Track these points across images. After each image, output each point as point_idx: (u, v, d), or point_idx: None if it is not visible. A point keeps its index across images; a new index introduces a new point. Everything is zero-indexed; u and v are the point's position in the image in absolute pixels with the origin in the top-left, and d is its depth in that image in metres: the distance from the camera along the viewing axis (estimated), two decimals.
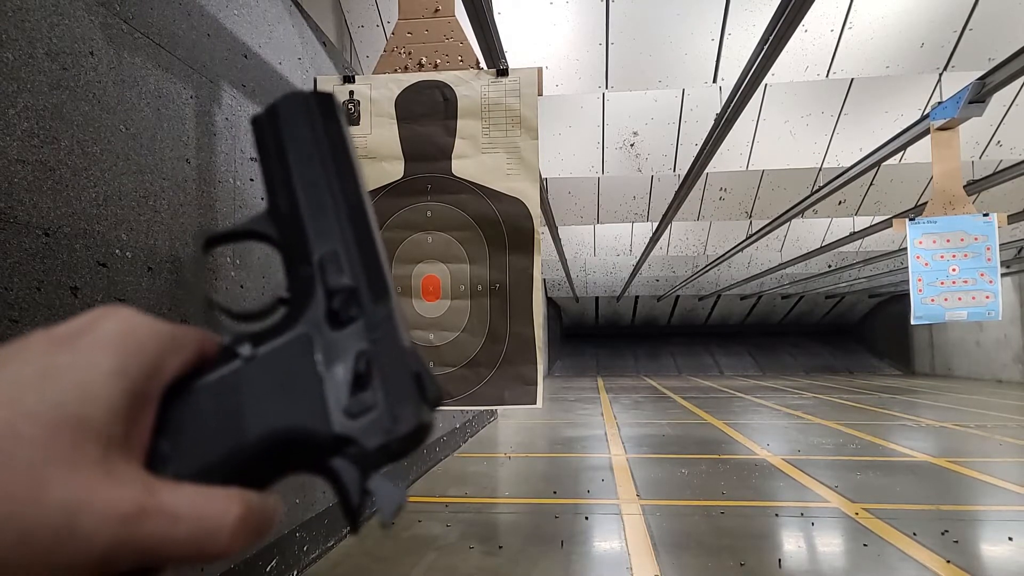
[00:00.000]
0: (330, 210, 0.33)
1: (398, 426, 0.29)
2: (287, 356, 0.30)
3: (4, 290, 1.59)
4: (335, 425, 0.29)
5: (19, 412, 0.23)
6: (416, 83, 2.50)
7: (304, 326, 0.31)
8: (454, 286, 2.47)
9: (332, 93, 0.35)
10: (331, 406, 0.29)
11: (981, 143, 6.20)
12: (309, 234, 0.32)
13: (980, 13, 4.30)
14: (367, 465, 0.29)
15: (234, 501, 0.26)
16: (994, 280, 5.15)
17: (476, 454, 6.30)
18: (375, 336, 0.31)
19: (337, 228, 0.33)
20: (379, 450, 0.29)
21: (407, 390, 0.30)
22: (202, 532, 0.25)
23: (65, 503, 0.23)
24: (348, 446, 0.29)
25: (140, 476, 0.26)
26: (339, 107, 0.35)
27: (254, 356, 0.30)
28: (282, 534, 2.90)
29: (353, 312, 0.31)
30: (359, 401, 0.29)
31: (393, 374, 0.30)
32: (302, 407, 0.29)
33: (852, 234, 9.90)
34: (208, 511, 0.26)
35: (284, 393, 0.29)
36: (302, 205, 0.33)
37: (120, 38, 1.99)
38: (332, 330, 0.31)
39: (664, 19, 4.31)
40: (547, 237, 8.92)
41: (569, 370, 22.38)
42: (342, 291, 0.31)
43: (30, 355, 0.25)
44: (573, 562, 3.22)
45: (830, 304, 24.42)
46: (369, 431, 0.29)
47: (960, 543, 3.41)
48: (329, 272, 0.32)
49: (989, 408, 10.28)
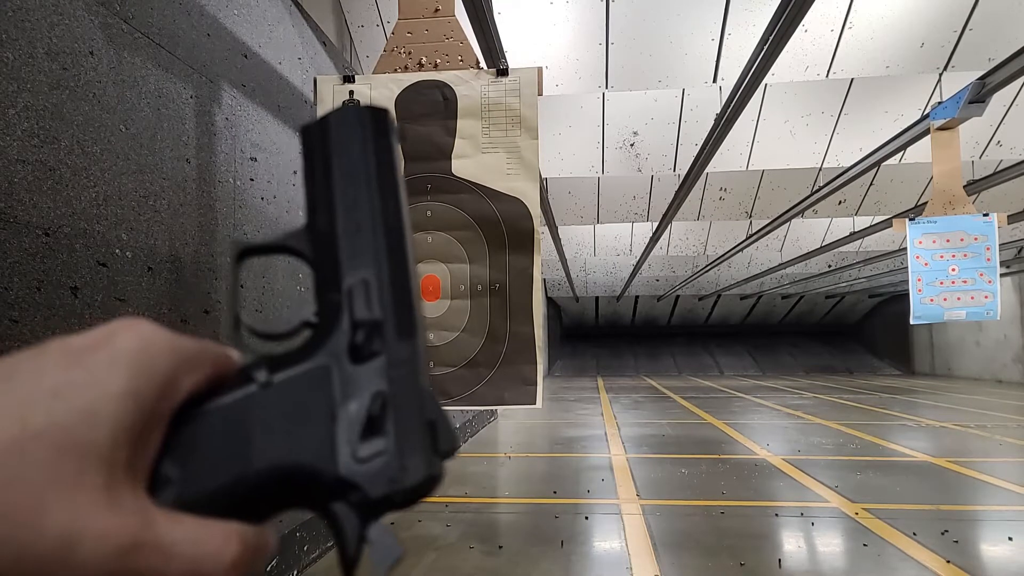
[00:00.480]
0: (368, 235, 0.32)
1: (405, 477, 0.28)
2: (303, 386, 0.29)
3: (4, 290, 1.58)
4: (341, 468, 0.28)
5: (27, 431, 0.23)
6: (416, 83, 2.50)
7: (324, 356, 0.30)
8: (454, 286, 2.47)
9: (388, 110, 0.33)
10: (340, 447, 0.28)
11: (981, 143, 6.20)
12: (342, 258, 0.31)
13: (980, 13, 4.30)
14: (368, 513, 0.28)
15: (231, 541, 0.26)
16: (993, 280, 5.15)
17: (476, 454, 6.30)
18: (394, 375, 0.30)
19: (372, 255, 0.31)
20: (383, 500, 0.28)
21: (419, 440, 0.29)
22: (198, 571, 0.25)
23: (64, 529, 0.23)
24: (351, 491, 0.28)
25: (141, 505, 0.25)
26: (393, 126, 0.34)
27: (269, 383, 0.29)
28: (282, 534, 2.90)
29: (376, 347, 0.30)
30: (369, 445, 0.28)
31: (407, 420, 0.29)
32: (311, 444, 0.28)
33: (852, 234, 9.90)
34: (203, 550, 0.25)
35: (294, 426, 0.28)
36: (340, 226, 0.32)
37: (120, 38, 1.99)
38: (352, 364, 0.30)
39: (664, 19, 4.32)
40: (547, 237, 8.92)
41: (569, 370, 22.38)
42: (368, 324, 0.30)
43: (44, 367, 0.25)
44: (573, 562, 3.22)
45: (830, 304, 24.42)
46: (375, 479, 0.28)
47: (960, 543, 3.41)
48: (357, 302, 0.31)
49: (989, 408, 10.28)
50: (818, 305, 24.50)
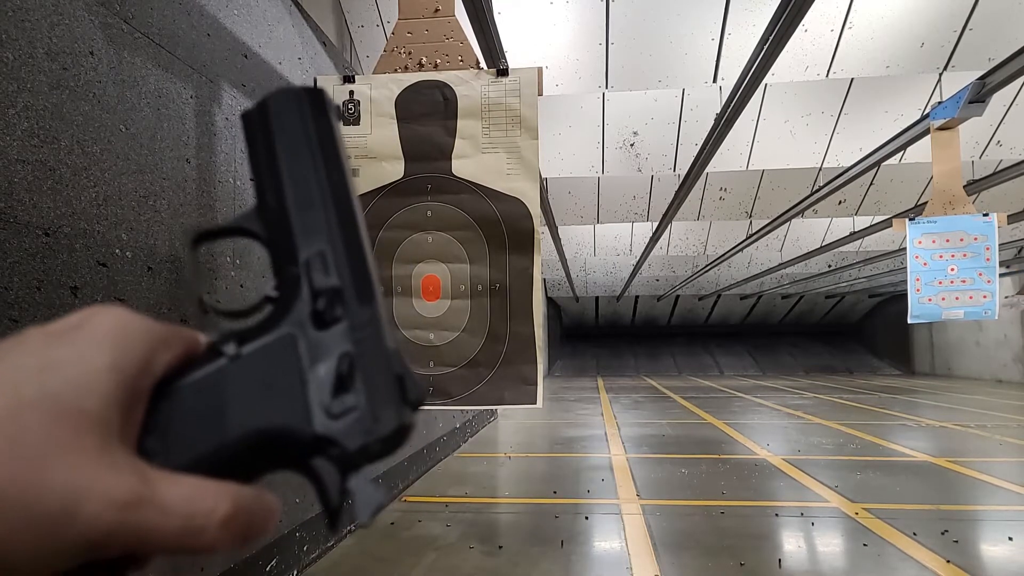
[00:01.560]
0: (318, 208, 0.33)
1: (379, 427, 0.29)
2: (271, 355, 0.30)
3: (4, 290, 1.58)
4: (316, 425, 0.29)
5: (22, 401, 0.24)
6: (416, 83, 2.50)
7: (289, 326, 0.31)
8: (454, 286, 2.47)
9: (323, 89, 0.35)
10: (313, 406, 0.29)
11: (981, 143, 6.20)
12: (296, 232, 0.32)
13: (980, 13, 4.30)
14: (347, 465, 0.29)
15: (223, 499, 0.27)
16: (992, 280, 5.15)
17: (476, 454, 6.30)
18: (359, 337, 0.31)
19: (325, 227, 0.32)
20: (359, 451, 0.29)
21: (389, 392, 0.30)
22: (189, 527, 0.26)
23: (67, 488, 0.24)
24: (329, 447, 0.29)
25: (137, 466, 0.26)
26: (331, 104, 0.34)
27: (238, 355, 0.30)
28: (282, 534, 2.90)
29: (338, 313, 0.31)
30: (341, 402, 0.29)
31: (375, 376, 0.30)
32: (284, 407, 0.29)
33: (852, 234, 9.90)
34: (197, 507, 0.26)
35: (267, 392, 0.30)
36: (290, 202, 0.33)
37: (120, 38, 1.99)
38: (316, 330, 0.31)
39: (664, 19, 4.31)
40: (547, 237, 8.92)
41: (569, 370, 22.38)
42: (327, 292, 0.31)
43: (27, 349, 0.26)
44: (573, 562, 3.22)
45: (830, 304, 24.42)
46: (350, 432, 0.29)
47: (960, 543, 3.41)
48: (315, 272, 0.32)
49: (989, 408, 10.28)
50: (818, 305, 24.50)
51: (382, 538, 3.61)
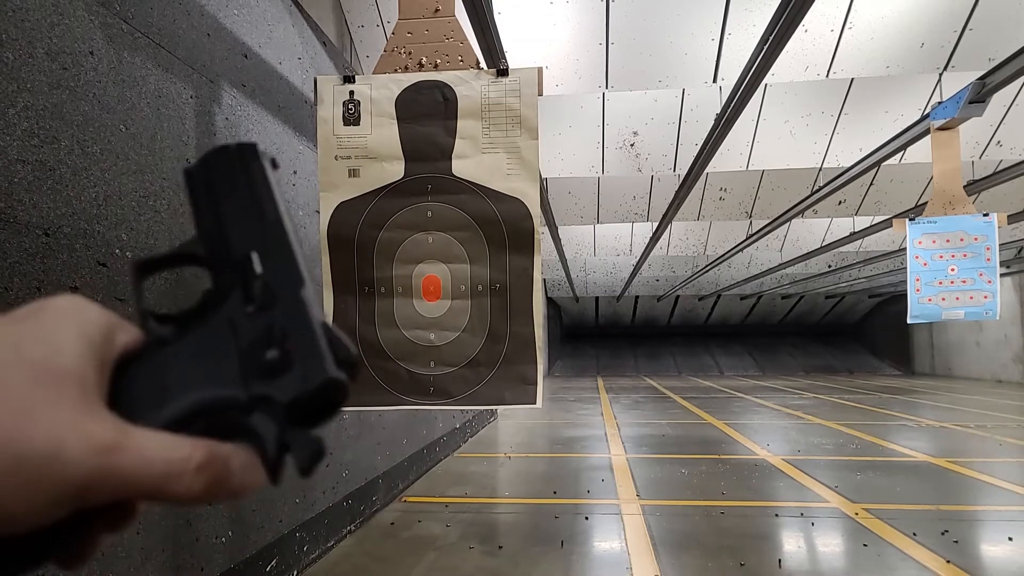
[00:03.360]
0: (252, 225, 0.36)
1: (309, 380, 0.31)
2: (208, 337, 0.34)
3: (4, 290, 1.58)
4: (251, 387, 0.32)
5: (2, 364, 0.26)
6: (416, 83, 2.50)
7: (224, 311, 0.34)
8: (455, 286, 2.47)
9: (255, 142, 0.38)
10: (247, 374, 0.32)
11: (981, 143, 6.20)
12: (231, 240, 0.36)
13: (980, 13, 4.30)
14: (284, 419, 0.31)
15: (199, 448, 0.29)
16: (992, 280, 5.15)
17: (476, 454, 6.30)
18: (288, 313, 0.33)
19: (258, 236, 0.36)
20: (292, 403, 0.31)
21: (318, 350, 0.32)
22: (168, 471, 0.28)
23: (52, 434, 0.26)
24: (263, 403, 0.31)
25: (114, 418, 0.28)
26: (263, 153, 0.38)
27: (178, 338, 0.34)
28: (282, 534, 2.90)
29: (268, 298, 0.34)
30: (271, 365, 0.32)
31: (305, 340, 0.32)
32: (221, 379, 0.32)
33: (852, 234, 9.90)
34: (174, 453, 0.28)
35: (206, 368, 0.32)
36: (227, 226, 0.36)
37: (120, 38, 1.99)
38: (248, 313, 0.34)
39: (664, 19, 4.31)
40: (547, 237, 8.92)
41: (569, 370, 22.38)
42: (258, 279, 0.35)
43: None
44: (573, 562, 3.22)
45: (830, 304, 24.42)
46: (282, 387, 0.31)
47: (960, 543, 3.41)
48: (248, 266, 0.35)
49: (989, 408, 10.28)
50: (818, 305, 24.50)
51: (382, 538, 3.61)
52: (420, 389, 2.47)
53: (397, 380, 2.48)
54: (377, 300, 2.48)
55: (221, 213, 0.37)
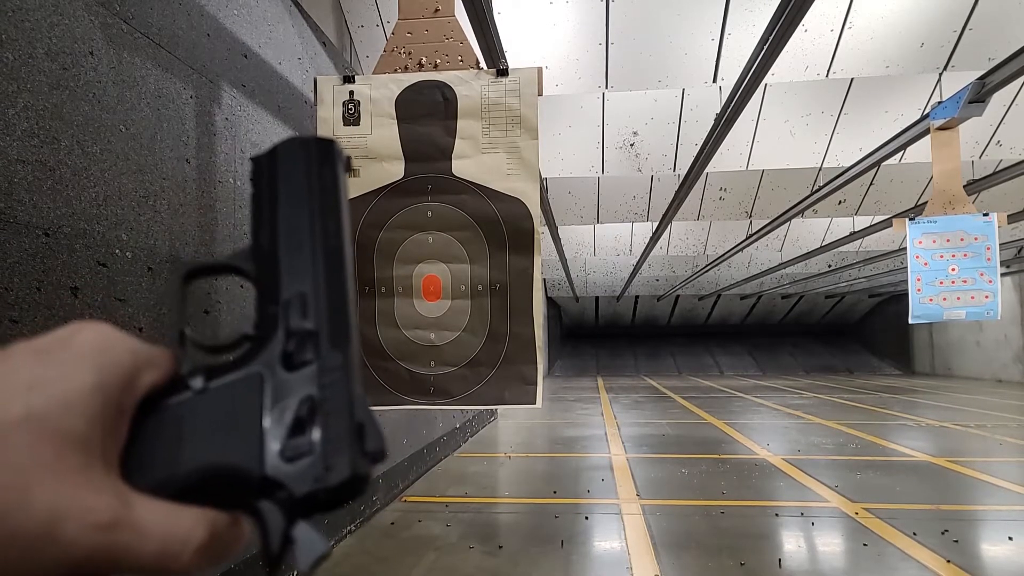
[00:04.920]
0: (307, 253, 0.33)
1: (330, 476, 0.29)
2: (235, 393, 0.31)
3: (4, 290, 1.58)
4: (267, 467, 0.29)
5: (7, 420, 0.25)
6: (416, 83, 2.50)
7: (258, 365, 0.31)
8: (455, 286, 2.47)
9: (334, 140, 0.35)
10: (267, 448, 0.29)
11: (981, 143, 6.20)
12: (282, 274, 0.33)
13: (980, 13, 4.30)
14: (293, 512, 0.29)
15: (199, 526, 0.28)
16: (993, 280, 5.15)
17: (476, 454, 6.30)
18: (326, 382, 0.31)
19: (310, 271, 0.33)
20: (307, 498, 0.29)
21: (346, 440, 0.29)
22: (166, 551, 0.27)
23: (49, 508, 0.24)
24: (277, 490, 0.29)
25: (117, 486, 0.27)
26: (339, 154, 0.35)
27: (205, 389, 0.31)
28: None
29: (308, 356, 0.31)
30: (295, 446, 0.29)
31: (335, 423, 0.30)
32: (238, 445, 0.29)
33: (852, 234, 9.90)
34: (174, 531, 0.27)
35: (225, 429, 0.30)
36: (281, 245, 0.33)
37: (120, 38, 1.99)
38: (285, 371, 0.31)
39: (664, 19, 4.31)
40: (547, 237, 8.92)
41: (569, 370, 22.38)
42: (301, 334, 0.31)
43: (15, 365, 0.27)
44: (573, 562, 3.22)
45: (830, 304, 24.42)
46: (300, 477, 0.29)
47: (960, 543, 3.41)
48: (292, 313, 0.32)
49: (989, 408, 10.28)
50: (818, 305, 24.50)
51: (382, 538, 3.61)
52: (420, 389, 2.48)
53: (397, 380, 2.48)
54: (377, 300, 2.48)
55: (279, 222, 0.34)
